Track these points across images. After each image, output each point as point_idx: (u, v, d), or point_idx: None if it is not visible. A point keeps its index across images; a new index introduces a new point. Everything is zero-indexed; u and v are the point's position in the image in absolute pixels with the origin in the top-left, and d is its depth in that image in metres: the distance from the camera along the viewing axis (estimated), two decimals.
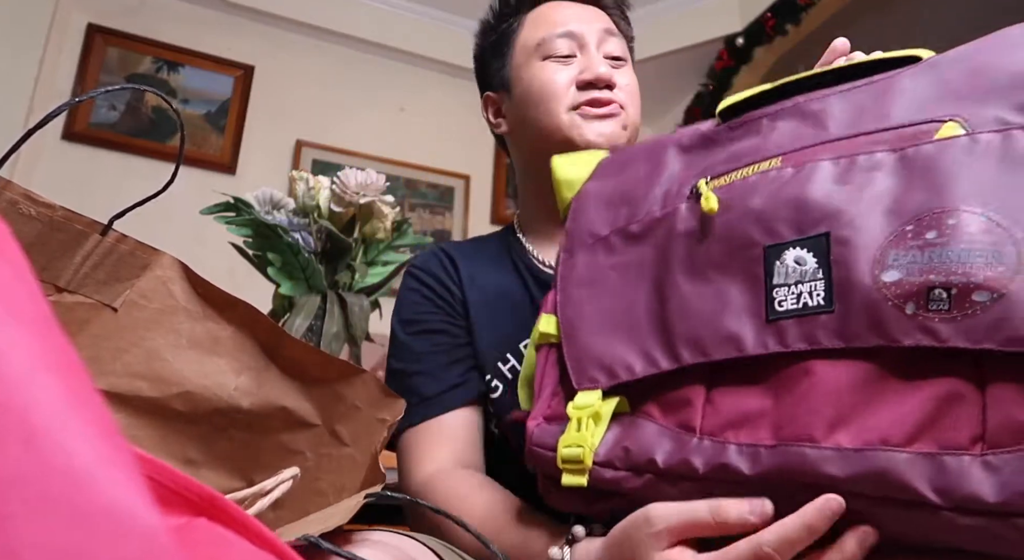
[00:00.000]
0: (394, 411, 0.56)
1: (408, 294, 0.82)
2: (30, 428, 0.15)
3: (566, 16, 0.79)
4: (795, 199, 0.43)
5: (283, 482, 0.43)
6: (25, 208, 0.50)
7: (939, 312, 0.36)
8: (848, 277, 0.39)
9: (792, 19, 2.70)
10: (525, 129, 0.81)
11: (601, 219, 0.55)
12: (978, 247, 0.36)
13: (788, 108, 0.50)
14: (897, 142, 0.42)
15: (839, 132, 0.46)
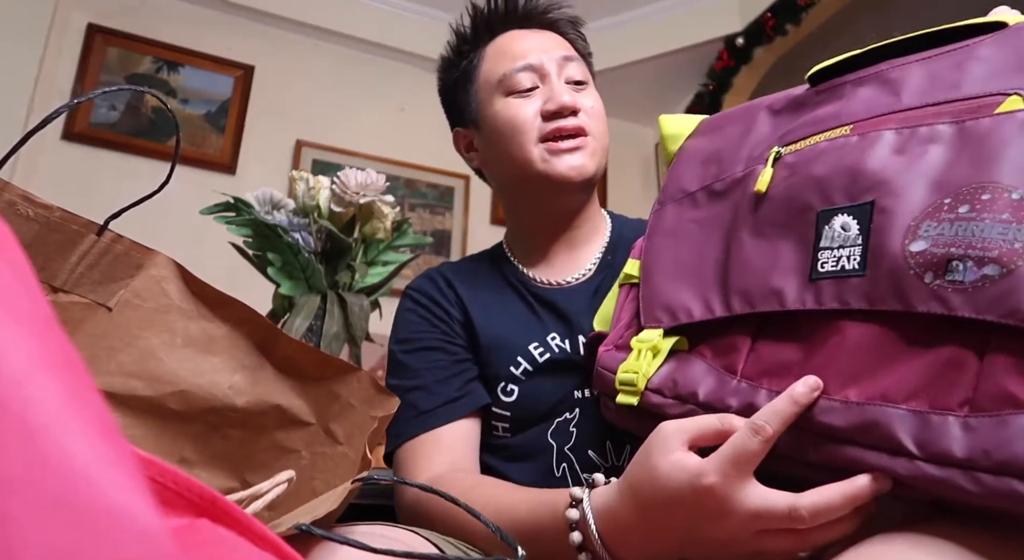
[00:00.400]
0: (387, 407, 0.56)
1: (404, 314, 0.83)
2: (30, 428, 0.15)
3: (524, 48, 0.80)
4: (852, 167, 0.46)
5: (278, 485, 0.43)
6: (23, 209, 0.50)
7: (954, 283, 0.38)
8: (882, 244, 0.42)
9: (792, 19, 2.70)
10: (499, 164, 0.83)
11: (692, 176, 0.60)
12: (1001, 223, 0.37)
13: (870, 75, 0.51)
14: (959, 114, 0.43)
15: (910, 102, 0.46)
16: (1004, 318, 0.36)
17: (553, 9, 0.85)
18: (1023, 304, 0.36)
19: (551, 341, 0.76)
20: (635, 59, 3.04)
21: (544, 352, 0.76)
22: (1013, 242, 0.37)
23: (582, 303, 0.79)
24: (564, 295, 0.80)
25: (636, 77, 3.15)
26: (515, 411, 0.75)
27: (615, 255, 0.83)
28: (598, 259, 0.83)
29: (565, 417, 0.74)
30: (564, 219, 0.82)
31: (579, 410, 0.73)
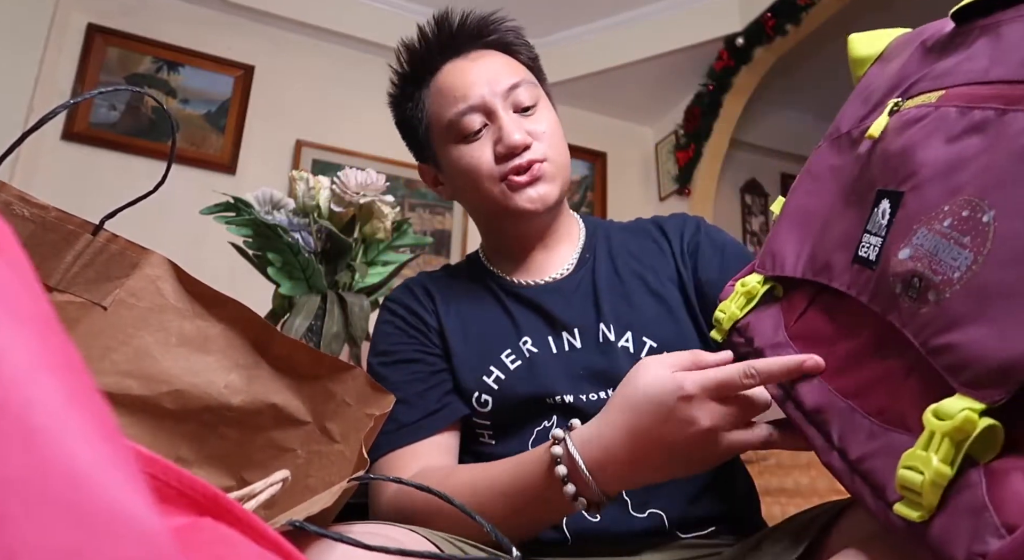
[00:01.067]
0: (382, 405, 0.56)
1: (382, 326, 0.84)
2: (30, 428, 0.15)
3: (466, 84, 0.77)
4: (910, 150, 0.44)
5: (273, 485, 0.43)
6: (19, 209, 0.50)
7: (910, 299, 0.40)
8: (891, 243, 0.43)
9: (792, 19, 2.70)
10: (465, 200, 0.84)
11: (850, 114, 0.57)
12: (959, 246, 0.37)
13: (993, 24, 0.43)
14: (1010, 101, 0.38)
15: (995, 74, 0.41)
16: (921, 346, 0.38)
17: (488, 28, 0.82)
18: (931, 338, 0.37)
19: (523, 346, 0.77)
20: (635, 59, 3.04)
21: (516, 360, 0.76)
22: (955, 271, 0.37)
23: (563, 300, 0.79)
24: (544, 292, 0.81)
25: (636, 77, 3.15)
26: (494, 419, 0.75)
27: (593, 252, 0.84)
28: (576, 257, 0.84)
29: (544, 426, 0.74)
30: (536, 233, 0.83)
31: (555, 417, 0.73)
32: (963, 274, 0.36)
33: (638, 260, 0.83)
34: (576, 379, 0.74)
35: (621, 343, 0.76)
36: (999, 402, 0.33)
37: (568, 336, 0.77)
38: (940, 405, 0.35)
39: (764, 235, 3.61)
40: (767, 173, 3.70)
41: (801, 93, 3.47)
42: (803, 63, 3.16)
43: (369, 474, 0.49)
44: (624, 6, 3.01)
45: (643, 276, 0.81)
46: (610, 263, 0.83)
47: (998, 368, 0.33)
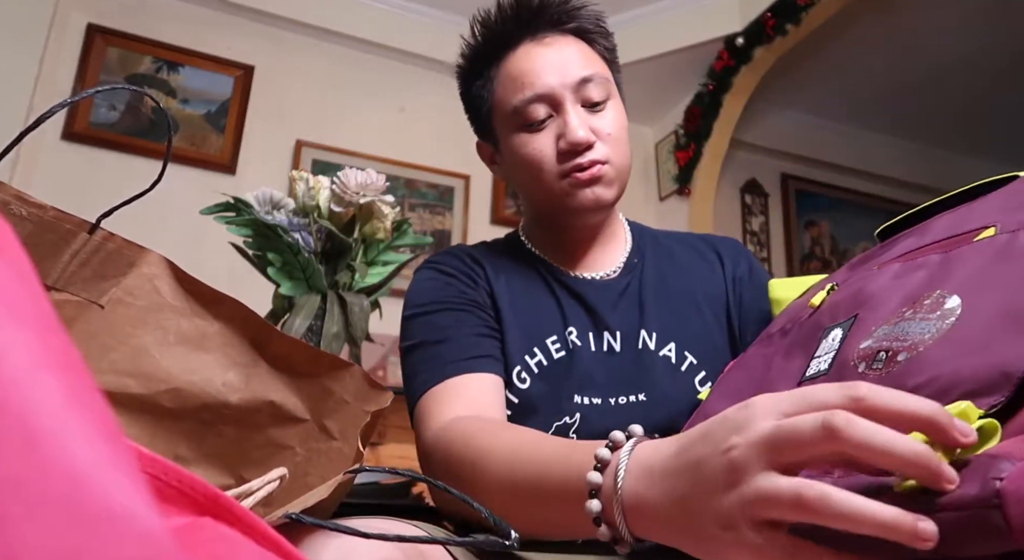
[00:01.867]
0: (380, 402, 0.56)
1: (425, 283, 0.79)
2: (30, 428, 0.15)
3: (536, 70, 0.75)
4: (857, 292, 0.52)
5: (270, 482, 0.43)
6: (17, 209, 0.50)
7: (875, 370, 0.42)
8: (847, 346, 0.47)
9: (792, 19, 2.70)
10: (521, 187, 0.82)
11: (779, 322, 0.65)
12: (925, 321, 0.42)
13: (917, 229, 0.57)
14: (949, 246, 0.49)
15: (929, 241, 0.52)
16: (909, 388, 0.39)
17: (568, 13, 0.79)
18: (907, 381, 0.39)
19: (568, 336, 0.76)
20: (635, 59, 3.04)
21: (560, 348, 0.75)
22: (924, 334, 0.41)
23: (610, 300, 0.78)
24: (592, 288, 0.80)
25: (636, 77, 3.14)
26: (523, 400, 0.73)
27: (642, 258, 0.83)
28: (624, 260, 0.83)
29: (564, 422, 0.72)
30: (587, 230, 0.82)
31: (579, 416, 0.72)
32: (933, 335, 0.40)
33: (687, 273, 0.82)
34: (609, 382, 0.73)
35: (663, 352, 0.75)
36: (998, 405, 0.34)
37: (609, 337, 0.76)
38: None
39: (763, 235, 3.61)
40: (767, 173, 3.70)
41: (801, 93, 3.47)
42: (803, 63, 3.16)
43: (364, 466, 0.49)
44: (624, 6, 3.01)
45: (692, 291, 0.80)
46: (659, 273, 0.82)
47: (992, 374, 0.35)
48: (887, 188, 3.94)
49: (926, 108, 3.63)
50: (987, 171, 2.14)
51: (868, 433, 0.30)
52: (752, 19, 2.82)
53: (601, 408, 0.72)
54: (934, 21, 2.99)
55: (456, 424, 0.63)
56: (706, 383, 0.75)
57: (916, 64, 3.24)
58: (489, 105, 0.80)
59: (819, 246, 3.75)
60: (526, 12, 0.77)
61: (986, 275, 0.42)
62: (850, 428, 0.30)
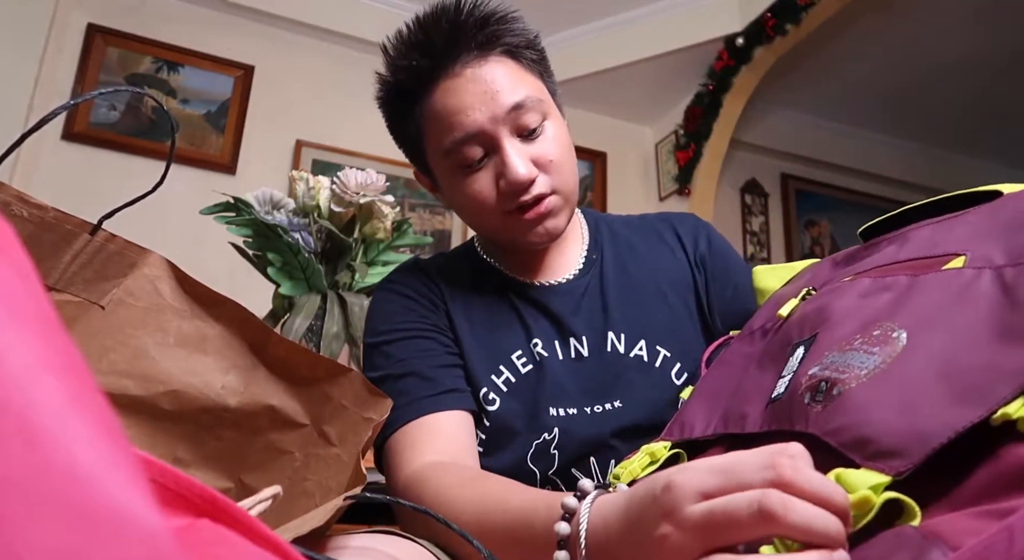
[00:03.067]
0: (380, 410, 0.56)
1: (385, 306, 0.76)
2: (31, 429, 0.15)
3: (462, 107, 0.67)
4: (824, 306, 0.51)
5: (263, 501, 0.42)
6: (18, 209, 0.50)
7: (817, 402, 0.42)
8: (801, 370, 0.47)
9: (792, 19, 2.70)
10: (466, 220, 0.77)
11: (761, 317, 0.64)
12: (867, 354, 0.42)
13: (900, 234, 0.57)
14: (920, 269, 0.48)
15: (903, 256, 0.52)
16: (819, 432, 0.40)
17: (484, 33, 0.69)
18: (831, 422, 0.39)
19: (534, 348, 0.73)
20: (635, 59, 3.04)
21: (527, 362, 0.73)
22: (862, 369, 0.40)
23: (571, 304, 0.76)
24: (552, 294, 0.77)
25: (636, 77, 3.15)
26: (494, 423, 0.71)
27: (600, 253, 0.80)
28: (583, 259, 0.80)
29: (544, 439, 0.70)
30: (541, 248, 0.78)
31: (558, 430, 0.70)
32: (870, 372, 0.40)
33: (648, 261, 0.79)
34: (582, 391, 0.71)
35: (634, 353, 0.73)
36: (904, 474, 0.34)
37: (576, 343, 0.73)
38: (842, 473, 0.35)
39: (763, 235, 3.61)
40: (767, 173, 3.70)
41: (801, 93, 3.47)
42: (803, 63, 3.16)
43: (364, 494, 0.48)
44: (624, 6, 3.00)
45: (655, 280, 0.77)
46: (618, 264, 0.79)
47: (902, 440, 0.35)
48: (887, 188, 3.94)
49: (926, 108, 3.63)
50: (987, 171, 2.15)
51: (806, 518, 0.31)
52: (752, 19, 2.82)
53: (578, 418, 0.70)
54: (934, 21, 2.99)
55: (425, 474, 0.61)
56: (683, 375, 0.73)
57: (916, 64, 3.24)
58: (422, 144, 0.74)
59: (819, 246, 3.75)
60: (437, 43, 0.69)
61: (938, 316, 0.42)
62: (787, 513, 0.31)
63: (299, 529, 0.42)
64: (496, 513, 0.52)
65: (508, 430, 0.71)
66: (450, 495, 0.57)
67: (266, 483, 0.56)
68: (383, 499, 0.52)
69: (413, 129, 0.74)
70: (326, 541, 0.48)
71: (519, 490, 0.54)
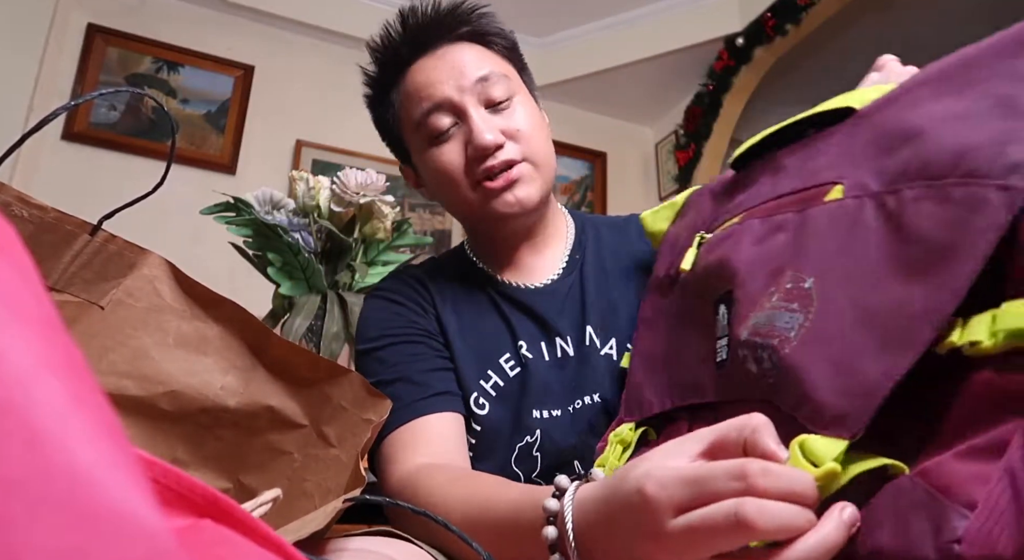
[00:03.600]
0: (379, 411, 0.56)
1: (375, 313, 0.78)
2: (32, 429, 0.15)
3: (431, 81, 0.73)
4: (724, 258, 0.50)
5: (263, 504, 0.42)
6: (18, 210, 0.50)
7: (761, 370, 0.41)
8: (733, 335, 0.46)
9: (792, 19, 2.70)
10: (444, 202, 0.80)
11: (663, 262, 0.63)
12: (788, 311, 0.41)
13: (769, 162, 0.54)
14: (803, 203, 0.46)
15: (783, 189, 0.50)
16: (782, 406, 0.39)
17: (456, 19, 0.75)
18: (785, 395, 0.38)
19: (520, 350, 0.74)
20: (635, 59, 3.04)
21: (515, 365, 0.73)
22: (790, 330, 0.40)
23: (556, 305, 0.76)
24: (536, 296, 0.77)
25: (636, 77, 3.15)
26: (485, 427, 0.71)
27: (583, 253, 0.81)
28: (566, 260, 0.80)
29: (527, 441, 0.70)
30: (523, 233, 0.79)
31: (540, 432, 0.70)
32: (797, 331, 0.39)
33: (627, 262, 0.80)
34: (565, 389, 0.72)
35: (604, 350, 0.73)
36: (858, 435, 0.34)
37: (561, 342, 0.74)
38: (805, 441, 0.35)
39: None
40: None
41: (801, 93, 3.47)
42: (803, 63, 3.16)
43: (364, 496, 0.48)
44: (624, 6, 3.01)
45: (632, 280, 0.78)
46: (598, 264, 0.80)
47: (845, 402, 0.35)
48: None
49: None
50: None
51: (781, 520, 0.32)
52: (752, 19, 2.82)
53: (560, 420, 0.70)
54: (934, 21, 2.99)
55: (416, 475, 0.62)
56: None
57: (916, 64, 3.23)
58: (398, 128, 0.79)
59: None
60: (412, 28, 0.75)
61: (836, 257, 0.40)
62: (764, 520, 0.32)
63: (299, 532, 0.42)
64: (484, 513, 0.53)
65: (497, 434, 0.71)
66: (440, 494, 0.58)
67: (265, 483, 0.56)
68: (383, 501, 0.52)
69: (391, 115, 0.79)
70: (325, 543, 0.48)
71: (506, 489, 0.55)
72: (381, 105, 0.81)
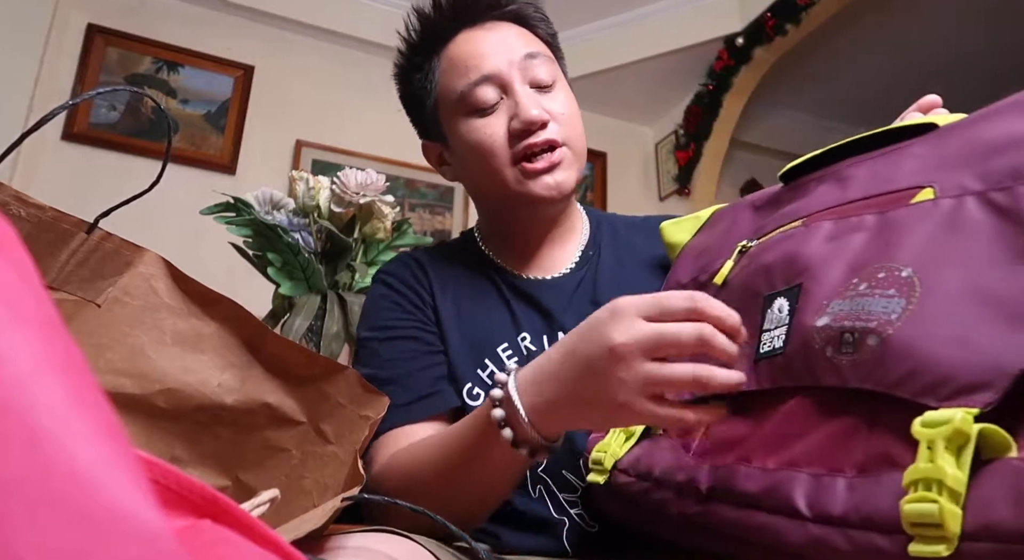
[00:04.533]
0: (377, 408, 0.56)
1: (378, 301, 0.79)
2: (32, 429, 0.15)
3: (480, 53, 0.72)
4: (791, 254, 0.50)
5: (260, 505, 0.42)
6: (16, 209, 0.50)
7: (846, 354, 0.41)
8: (801, 323, 0.46)
9: (792, 19, 2.70)
10: (472, 181, 0.79)
11: (687, 269, 0.64)
12: (885, 298, 0.41)
13: (830, 173, 0.55)
14: (884, 205, 0.47)
15: (853, 195, 0.51)
16: (877, 386, 0.38)
17: (507, 3, 0.76)
18: (889, 372, 0.38)
19: (521, 342, 0.74)
20: (635, 59, 3.04)
21: (513, 355, 0.73)
22: (890, 314, 0.40)
23: (563, 299, 0.76)
24: (544, 289, 0.77)
25: (636, 77, 3.15)
26: None
27: (598, 250, 0.80)
28: (579, 254, 0.80)
29: None
30: (544, 221, 0.79)
31: None
32: (900, 314, 0.39)
33: (646, 261, 0.79)
34: None
35: None
36: (991, 405, 0.33)
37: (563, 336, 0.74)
38: (927, 416, 0.35)
39: None
40: (767, 173, 3.70)
41: (801, 93, 3.47)
42: (803, 63, 3.16)
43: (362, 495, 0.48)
44: (624, 6, 3.01)
45: (651, 279, 0.77)
46: (616, 262, 0.79)
47: (980, 373, 0.34)
48: None
49: None
50: None
51: (724, 344, 0.45)
52: (752, 19, 2.82)
53: None
54: (934, 21, 2.99)
55: (389, 462, 0.66)
56: None
57: (916, 64, 3.24)
58: (434, 97, 0.76)
59: None
60: (461, 4, 0.75)
61: (938, 248, 0.41)
62: (716, 341, 0.45)
63: (297, 531, 0.42)
64: (446, 445, 0.60)
65: None
66: (407, 461, 0.64)
67: (263, 481, 0.56)
68: (381, 500, 0.52)
69: (428, 84, 0.76)
70: (323, 541, 0.48)
71: (459, 422, 0.62)
72: (414, 73, 0.78)
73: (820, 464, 0.41)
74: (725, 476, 0.47)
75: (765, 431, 0.46)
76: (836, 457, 0.41)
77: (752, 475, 0.45)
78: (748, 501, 0.44)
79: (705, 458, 0.50)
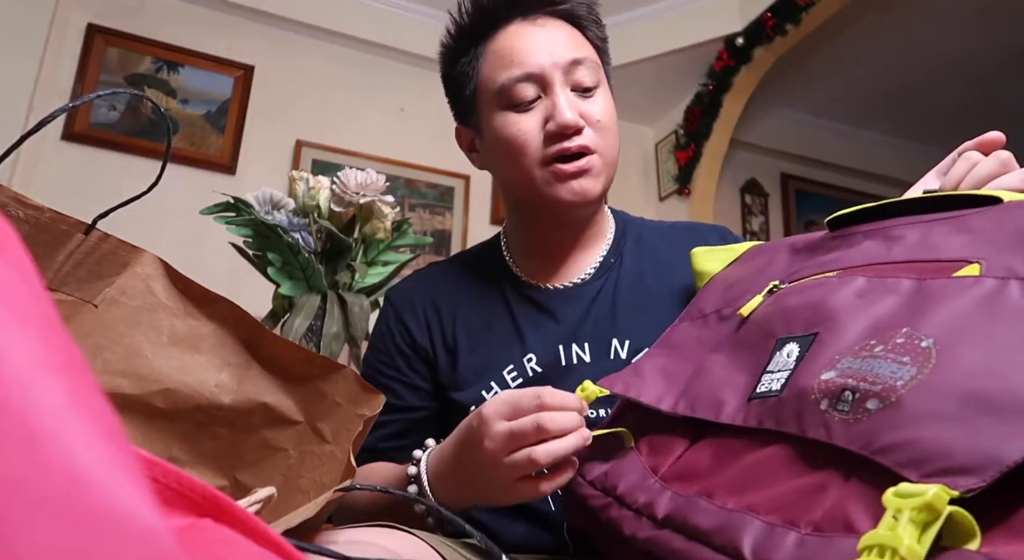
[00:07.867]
0: (372, 406, 0.56)
1: (375, 338, 0.83)
2: (32, 429, 0.15)
3: (527, 49, 0.72)
4: (816, 302, 0.49)
5: (256, 502, 0.42)
6: (14, 210, 0.50)
7: (840, 412, 0.40)
8: (805, 371, 0.45)
9: (792, 19, 2.70)
10: (501, 175, 0.78)
11: (712, 300, 0.64)
12: (897, 363, 0.40)
13: (880, 229, 0.55)
14: (925, 273, 0.46)
15: (896, 256, 0.50)
16: (862, 449, 0.38)
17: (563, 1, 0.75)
18: (879, 437, 0.37)
19: (527, 363, 0.74)
20: (635, 59, 3.04)
21: (517, 377, 0.73)
22: (897, 380, 0.38)
23: (580, 309, 0.75)
24: (562, 300, 0.77)
25: (636, 77, 3.14)
26: None
27: (619, 258, 0.80)
28: (599, 262, 0.79)
29: None
30: (569, 228, 0.78)
31: None
32: (907, 382, 0.38)
33: (669, 270, 0.78)
34: None
35: (636, 359, 0.71)
36: (974, 491, 0.32)
37: (577, 349, 0.73)
38: (901, 487, 0.33)
39: (763, 235, 3.61)
40: (767, 173, 3.70)
41: (801, 93, 3.47)
42: (803, 63, 3.16)
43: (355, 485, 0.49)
44: (624, 6, 3.01)
45: (671, 289, 0.76)
46: (637, 272, 0.78)
47: (972, 457, 0.33)
48: (887, 188, 3.94)
49: (926, 108, 3.63)
50: None
51: (563, 424, 0.54)
52: (752, 19, 2.82)
53: None
54: (934, 21, 2.99)
55: None
56: None
57: (916, 64, 3.24)
58: (474, 84, 0.76)
59: None
60: None
61: (967, 324, 0.40)
62: (553, 425, 0.54)
63: (289, 522, 0.42)
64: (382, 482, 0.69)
65: None
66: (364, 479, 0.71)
67: (261, 481, 0.56)
68: (373, 488, 0.55)
69: (471, 69, 0.76)
70: (327, 537, 0.48)
71: (391, 471, 0.71)
72: (459, 57, 0.77)
73: (778, 514, 0.40)
74: (683, 507, 0.46)
75: (735, 469, 0.46)
76: (795, 511, 0.40)
77: (709, 511, 0.44)
78: (698, 535, 0.44)
79: (670, 484, 0.50)
